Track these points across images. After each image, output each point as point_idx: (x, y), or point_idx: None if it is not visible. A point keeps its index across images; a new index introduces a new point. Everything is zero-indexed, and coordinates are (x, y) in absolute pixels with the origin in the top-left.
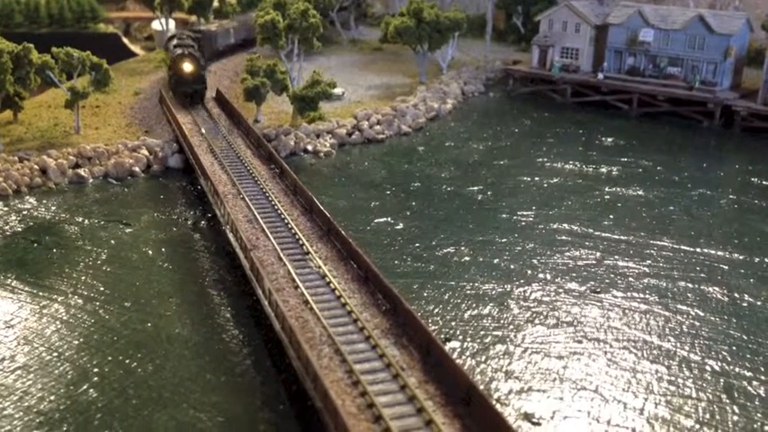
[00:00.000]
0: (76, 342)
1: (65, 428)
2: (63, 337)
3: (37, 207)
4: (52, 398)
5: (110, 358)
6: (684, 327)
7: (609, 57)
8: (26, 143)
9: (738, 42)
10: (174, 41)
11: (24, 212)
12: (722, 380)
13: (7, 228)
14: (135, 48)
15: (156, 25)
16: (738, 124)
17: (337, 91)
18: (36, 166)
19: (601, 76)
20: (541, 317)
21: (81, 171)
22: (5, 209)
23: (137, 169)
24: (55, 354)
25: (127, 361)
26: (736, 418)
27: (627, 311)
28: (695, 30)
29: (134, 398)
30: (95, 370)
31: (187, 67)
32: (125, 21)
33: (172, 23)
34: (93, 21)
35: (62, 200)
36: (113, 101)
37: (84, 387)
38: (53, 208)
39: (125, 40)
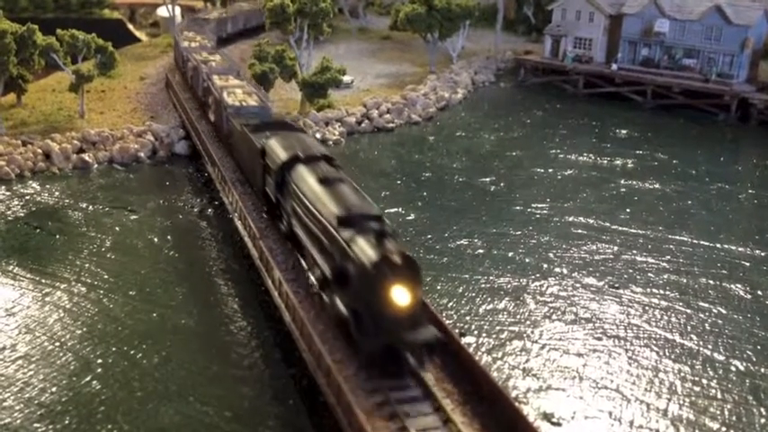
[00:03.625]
0: (79, 332)
1: (67, 421)
2: (66, 326)
3: (40, 192)
4: (54, 389)
5: (114, 349)
6: (707, 325)
7: (623, 47)
8: (30, 127)
9: (756, 34)
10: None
11: (27, 197)
12: (748, 381)
13: (10, 213)
14: (140, 34)
15: (161, 11)
16: (755, 117)
17: (346, 79)
18: (40, 151)
19: (615, 66)
20: (559, 312)
21: (85, 156)
22: (8, 193)
23: (142, 155)
24: (57, 343)
25: (131, 352)
26: (763, 420)
27: (647, 308)
28: (712, 20)
29: (139, 390)
30: (99, 361)
31: (400, 296)
32: (130, 7)
33: (178, 10)
34: (99, 6)
35: (66, 185)
36: (118, 85)
37: (87, 378)
38: (57, 193)
39: (130, 26)
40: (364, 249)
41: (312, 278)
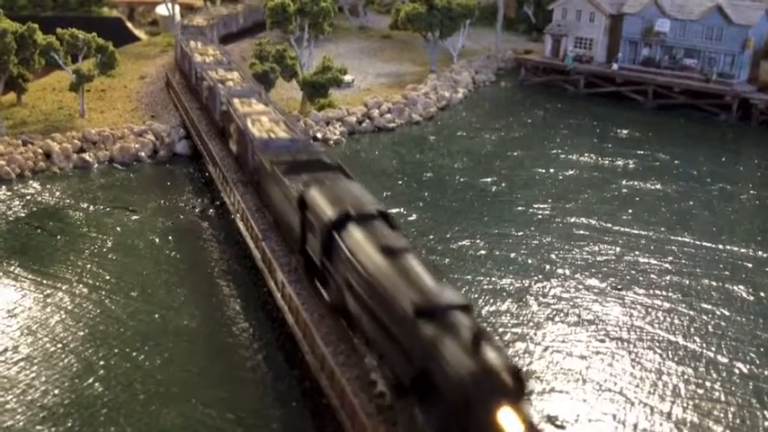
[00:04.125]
0: (81, 333)
1: (69, 424)
2: (67, 327)
3: (41, 192)
4: (56, 391)
5: (116, 350)
6: (710, 327)
7: (624, 47)
8: (30, 126)
9: (757, 34)
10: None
11: (28, 197)
12: (751, 383)
13: (10, 213)
14: (139, 32)
15: (160, 10)
16: (756, 117)
17: (347, 78)
18: (40, 150)
19: (615, 66)
20: (562, 314)
21: (86, 155)
22: (9, 193)
23: (143, 154)
24: (59, 345)
25: (133, 354)
26: (767, 423)
27: (650, 310)
28: (713, 20)
29: (141, 392)
30: (101, 363)
31: (508, 424)
32: (129, 5)
33: (177, 9)
34: (98, 5)
35: (66, 185)
36: (119, 84)
37: (90, 380)
38: (57, 193)
39: (129, 25)
40: (457, 357)
41: (381, 381)
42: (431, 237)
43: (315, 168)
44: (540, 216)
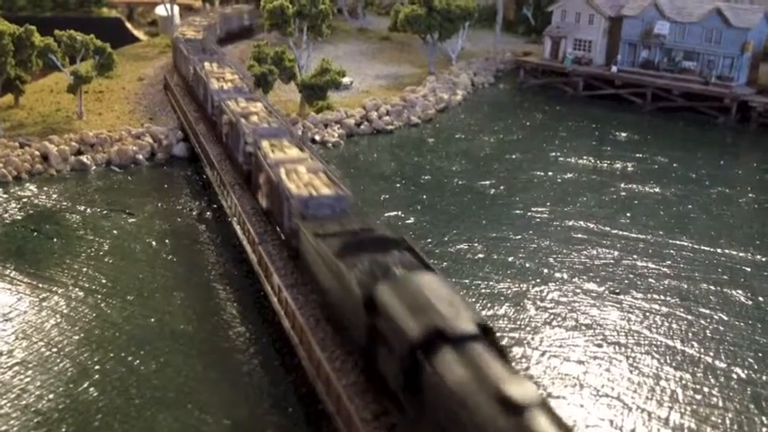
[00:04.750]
0: (77, 337)
1: (64, 429)
2: (63, 331)
3: (37, 194)
4: (51, 396)
5: (111, 355)
6: (708, 331)
7: (623, 49)
8: (27, 128)
9: (756, 37)
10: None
11: (24, 200)
12: (749, 389)
13: (6, 216)
14: (138, 33)
15: (160, 10)
16: (755, 120)
17: (346, 80)
18: (37, 152)
19: (614, 69)
20: (559, 318)
21: (83, 158)
22: (5, 196)
23: (140, 157)
24: (54, 349)
25: (129, 358)
26: (765, 430)
27: (648, 314)
28: (712, 23)
29: (136, 397)
30: (96, 367)
31: None
32: (128, 5)
33: (176, 9)
34: (97, 5)
35: (63, 187)
36: (117, 86)
37: (85, 385)
38: (54, 196)
39: (128, 25)
40: None
41: None
42: (429, 240)
43: (375, 246)
44: (538, 219)
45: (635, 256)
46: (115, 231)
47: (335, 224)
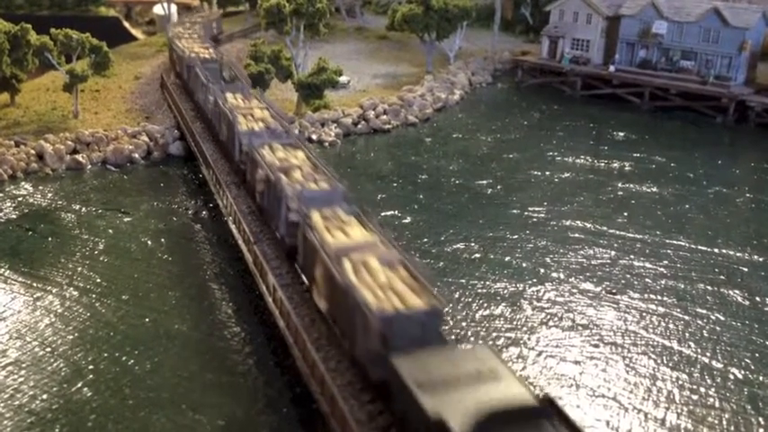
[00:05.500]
0: (71, 337)
1: (57, 430)
2: (57, 331)
3: (33, 193)
4: (45, 396)
5: (105, 355)
6: (705, 331)
7: (621, 49)
8: (23, 127)
9: (754, 36)
10: None
11: (19, 199)
12: (746, 389)
13: (1, 215)
14: (136, 32)
15: (157, 9)
16: (753, 120)
17: (343, 79)
18: (33, 151)
19: (612, 68)
20: (556, 318)
21: (79, 157)
22: (0, 195)
23: (136, 156)
24: (48, 349)
25: (123, 358)
26: (762, 430)
27: (644, 314)
28: (710, 23)
29: (130, 398)
30: (90, 367)
31: None
32: (126, 4)
33: (174, 8)
34: (95, 4)
35: (59, 186)
36: (113, 85)
37: (79, 385)
38: (49, 195)
39: (126, 24)
40: None
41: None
42: (425, 240)
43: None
44: (535, 219)
45: (632, 256)
46: (110, 230)
47: (437, 359)
